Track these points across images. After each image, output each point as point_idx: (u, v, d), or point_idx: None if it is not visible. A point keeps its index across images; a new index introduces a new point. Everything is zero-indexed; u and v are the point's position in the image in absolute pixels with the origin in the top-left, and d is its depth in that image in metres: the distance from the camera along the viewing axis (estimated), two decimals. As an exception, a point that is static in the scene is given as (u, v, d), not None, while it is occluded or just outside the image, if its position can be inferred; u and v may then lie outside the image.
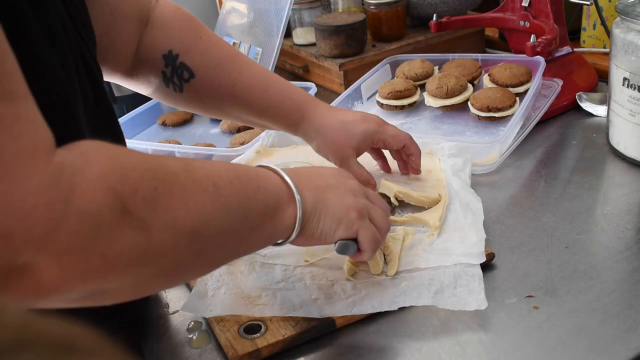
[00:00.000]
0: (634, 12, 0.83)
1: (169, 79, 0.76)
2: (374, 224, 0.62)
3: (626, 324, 0.61)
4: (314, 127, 0.79)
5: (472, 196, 0.79)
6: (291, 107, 0.79)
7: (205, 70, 0.76)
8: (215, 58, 0.77)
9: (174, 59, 0.75)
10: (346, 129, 0.79)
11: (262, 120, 0.80)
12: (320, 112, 0.80)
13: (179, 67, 0.75)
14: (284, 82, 0.80)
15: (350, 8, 1.37)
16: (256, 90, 0.77)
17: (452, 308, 0.63)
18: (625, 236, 0.74)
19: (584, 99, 1.07)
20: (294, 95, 0.79)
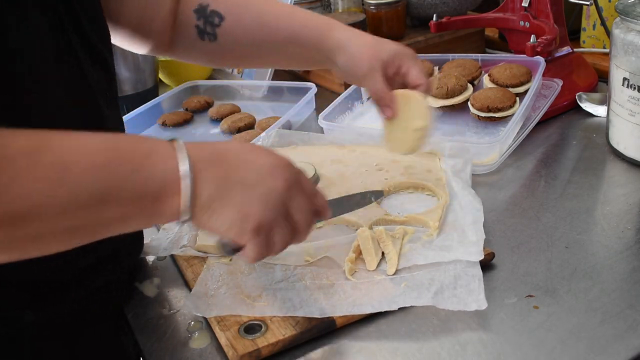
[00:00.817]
0: (634, 12, 0.83)
1: (203, 30, 0.80)
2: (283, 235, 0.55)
3: (626, 324, 0.61)
4: (344, 38, 0.79)
5: (472, 197, 0.79)
6: (319, 22, 0.81)
7: (233, 9, 0.80)
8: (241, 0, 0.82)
9: (204, 9, 0.80)
10: (377, 42, 0.79)
11: (292, 45, 0.82)
12: (349, 28, 0.81)
13: (209, 16, 0.80)
14: (302, 10, 0.85)
15: (350, 8, 1.37)
16: (284, 15, 0.81)
17: (452, 308, 0.63)
18: (625, 236, 0.74)
19: (584, 99, 1.07)
20: (319, 16, 0.85)
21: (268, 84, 1.26)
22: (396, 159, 0.92)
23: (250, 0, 0.83)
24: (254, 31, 0.81)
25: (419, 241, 0.74)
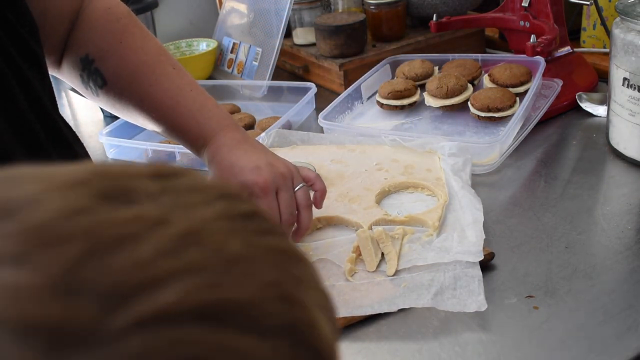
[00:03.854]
0: (634, 12, 0.83)
1: (86, 83, 0.74)
2: None
3: (626, 324, 0.61)
4: (208, 160, 0.74)
5: (472, 196, 0.79)
6: (197, 132, 0.74)
7: (116, 80, 0.73)
8: (130, 67, 0.73)
9: (90, 63, 0.73)
10: (232, 173, 0.72)
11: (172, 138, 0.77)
12: (220, 145, 0.73)
13: (93, 73, 0.73)
14: (199, 99, 0.74)
15: (350, 8, 1.37)
16: (163, 108, 0.73)
17: (451, 310, 0.63)
18: (625, 236, 0.74)
19: (584, 99, 1.07)
20: (202, 119, 0.74)
21: (268, 84, 1.26)
22: (396, 158, 0.92)
23: (138, 72, 0.73)
24: (134, 110, 0.74)
25: (419, 241, 0.74)
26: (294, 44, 1.38)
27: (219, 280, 0.21)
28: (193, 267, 0.21)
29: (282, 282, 0.23)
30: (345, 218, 0.80)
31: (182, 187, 0.24)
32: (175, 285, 0.20)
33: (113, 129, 1.13)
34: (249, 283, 0.22)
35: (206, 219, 0.23)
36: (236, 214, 0.24)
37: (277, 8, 1.27)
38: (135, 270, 0.20)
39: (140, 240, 0.21)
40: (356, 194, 0.85)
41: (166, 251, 0.21)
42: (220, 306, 0.21)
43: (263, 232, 0.24)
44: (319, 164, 0.93)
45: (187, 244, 0.21)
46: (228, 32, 1.41)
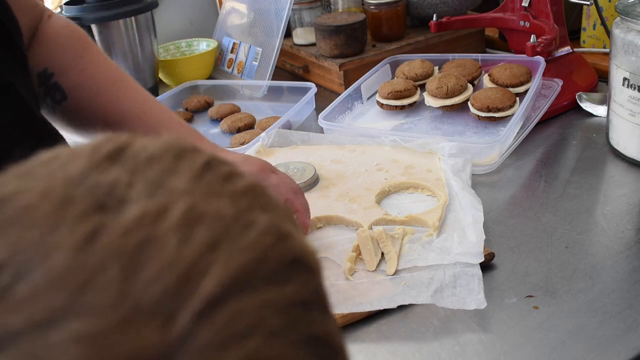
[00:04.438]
0: (634, 12, 0.83)
1: (42, 98, 0.71)
2: None
3: (626, 324, 0.61)
4: None
5: (472, 196, 0.79)
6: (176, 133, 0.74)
7: (78, 93, 0.71)
8: (94, 80, 0.72)
9: (48, 77, 0.71)
10: None
11: None
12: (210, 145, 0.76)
13: (52, 87, 0.71)
14: (166, 111, 0.76)
15: (350, 8, 1.37)
16: (133, 118, 0.73)
17: (451, 307, 0.63)
18: (625, 236, 0.74)
19: (584, 99, 1.07)
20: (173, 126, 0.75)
21: (268, 84, 1.26)
22: (396, 158, 0.92)
23: (102, 85, 0.72)
24: (96, 123, 0.72)
25: (419, 241, 0.74)
26: (294, 44, 1.38)
27: (233, 247, 0.23)
28: (209, 245, 0.23)
29: (272, 223, 0.25)
30: (346, 218, 0.80)
31: (141, 161, 0.25)
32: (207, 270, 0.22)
33: (113, 129, 1.13)
34: (252, 237, 0.24)
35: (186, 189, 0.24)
36: (199, 169, 0.26)
37: (277, 8, 1.27)
38: (170, 270, 0.21)
39: (157, 238, 0.22)
40: (356, 194, 0.85)
41: (182, 240, 0.22)
42: (245, 271, 0.23)
43: (227, 177, 0.26)
44: (319, 164, 0.93)
45: (192, 224, 0.23)
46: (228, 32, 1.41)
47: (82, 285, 0.20)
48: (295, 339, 0.23)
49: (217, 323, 0.21)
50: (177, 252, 0.22)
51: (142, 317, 0.20)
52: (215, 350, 0.20)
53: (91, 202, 0.23)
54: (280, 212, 0.27)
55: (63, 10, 1.24)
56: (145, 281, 0.21)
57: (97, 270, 0.21)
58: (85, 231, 0.22)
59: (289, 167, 0.92)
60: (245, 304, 0.22)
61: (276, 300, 0.23)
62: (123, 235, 0.22)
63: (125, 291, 0.20)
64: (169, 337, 0.20)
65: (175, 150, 0.26)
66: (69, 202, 0.23)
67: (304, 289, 0.25)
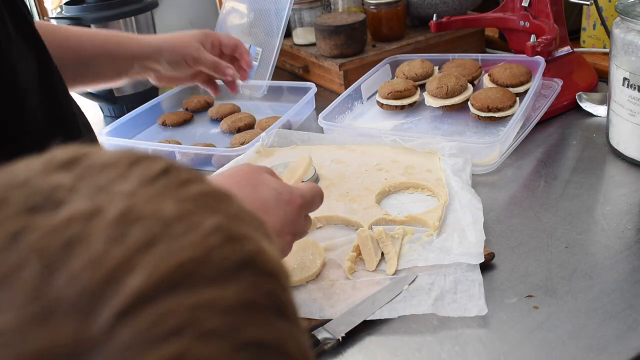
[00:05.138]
0: (634, 12, 0.83)
1: None
2: None
3: (626, 324, 0.61)
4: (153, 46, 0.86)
5: (472, 196, 0.79)
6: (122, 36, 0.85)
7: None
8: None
9: None
10: (183, 34, 0.92)
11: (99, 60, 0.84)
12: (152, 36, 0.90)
13: None
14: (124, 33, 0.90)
15: (350, 8, 1.37)
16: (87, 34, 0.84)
17: (452, 315, 0.63)
18: (625, 236, 0.74)
19: (584, 99, 1.07)
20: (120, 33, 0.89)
21: (268, 84, 1.26)
22: (396, 159, 0.92)
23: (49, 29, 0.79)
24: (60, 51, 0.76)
25: (419, 241, 0.74)
26: (294, 44, 1.38)
27: (169, 247, 0.22)
28: (142, 244, 0.22)
29: (222, 225, 0.24)
30: (346, 218, 0.80)
31: (93, 167, 0.25)
32: (135, 269, 0.21)
33: (113, 128, 1.13)
34: (195, 237, 0.23)
35: (131, 192, 0.24)
36: (153, 175, 0.25)
37: (277, 8, 1.26)
38: (94, 268, 0.21)
39: (85, 238, 0.21)
40: (356, 193, 0.85)
41: (113, 239, 0.22)
42: (179, 270, 0.22)
43: (184, 182, 0.26)
44: (319, 164, 0.93)
45: (127, 224, 0.22)
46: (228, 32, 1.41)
47: None
48: (236, 343, 0.22)
49: (141, 322, 0.20)
50: (104, 251, 0.21)
51: (58, 315, 0.20)
52: (136, 349, 0.20)
53: (24, 205, 0.22)
54: (237, 215, 0.26)
55: (63, 10, 1.24)
56: (66, 279, 0.20)
57: (14, 268, 0.20)
58: (10, 231, 0.21)
59: (288, 166, 0.91)
60: (176, 304, 0.21)
61: (214, 301, 0.22)
62: (48, 234, 0.21)
63: (43, 289, 0.20)
64: (85, 335, 0.19)
65: (132, 158, 0.26)
66: (2, 204, 0.22)
67: (251, 290, 0.24)
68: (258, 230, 0.27)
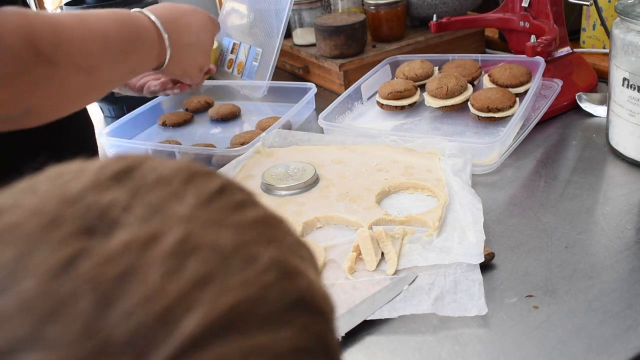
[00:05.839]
0: (634, 13, 0.83)
1: None
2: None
3: (626, 324, 0.61)
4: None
5: (472, 196, 0.79)
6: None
7: None
8: None
9: None
10: None
11: None
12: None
13: None
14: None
15: (350, 8, 1.37)
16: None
17: (452, 314, 0.63)
18: (625, 236, 0.74)
19: (583, 99, 1.07)
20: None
21: (268, 84, 1.26)
22: (396, 159, 0.92)
23: None
24: None
25: (419, 241, 0.74)
26: (294, 44, 1.38)
27: (226, 283, 0.21)
28: (200, 280, 0.21)
29: (278, 259, 0.23)
30: (346, 218, 0.80)
31: (147, 182, 0.24)
32: (191, 308, 0.20)
33: (113, 129, 1.13)
34: (251, 274, 0.22)
35: (187, 217, 0.23)
36: (209, 196, 0.24)
37: (277, 8, 1.27)
38: (149, 305, 0.20)
39: (141, 269, 0.20)
40: (356, 193, 0.85)
41: (169, 272, 0.20)
42: (234, 312, 0.21)
43: (239, 205, 0.25)
44: (319, 164, 0.93)
45: (184, 255, 0.21)
46: (228, 32, 1.41)
47: (49, 315, 0.19)
48: None
49: None
50: (161, 286, 0.20)
51: (110, 355, 0.19)
52: None
53: (80, 225, 0.21)
54: (292, 247, 0.25)
55: (63, 10, 1.25)
56: (119, 315, 0.19)
57: (67, 300, 0.19)
58: (64, 256, 0.20)
59: (289, 167, 0.92)
60: (229, 349, 0.20)
61: (267, 347, 0.21)
62: (104, 263, 0.20)
63: (95, 325, 0.19)
64: None
65: (187, 173, 0.25)
66: (57, 222, 0.21)
67: (303, 334, 0.23)
68: (307, 260, 0.26)
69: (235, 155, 0.98)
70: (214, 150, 1.03)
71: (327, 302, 0.25)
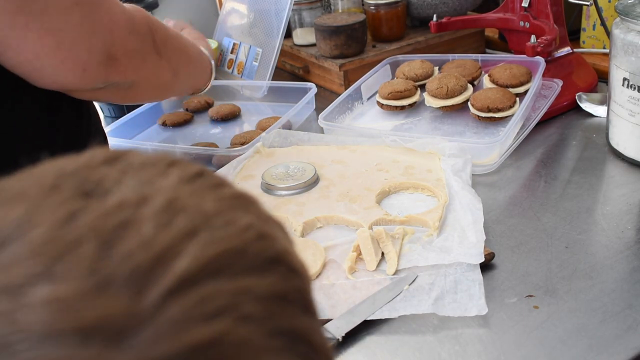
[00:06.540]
0: (634, 13, 0.83)
1: None
2: None
3: (626, 324, 0.61)
4: None
5: (473, 196, 0.79)
6: None
7: None
8: None
9: None
10: None
11: None
12: None
13: None
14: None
15: (350, 9, 1.37)
16: None
17: (452, 314, 0.63)
18: (625, 236, 0.74)
19: (583, 99, 1.07)
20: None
21: (268, 84, 1.26)
22: (396, 159, 0.92)
23: None
24: None
25: (419, 241, 0.74)
26: (294, 44, 1.38)
27: (210, 237, 0.24)
28: (187, 232, 0.24)
29: (254, 223, 0.26)
30: (346, 218, 0.80)
31: (135, 165, 0.27)
32: (182, 253, 0.23)
33: (113, 129, 1.13)
34: (232, 231, 0.25)
35: (173, 187, 0.26)
36: (190, 175, 0.27)
37: (277, 8, 1.27)
38: (145, 249, 0.23)
39: (136, 222, 0.23)
40: (356, 193, 0.85)
41: (160, 225, 0.24)
42: (221, 258, 0.24)
43: (217, 185, 0.28)
44: (319, 164, 0.93)
45: (173, 213, 0.24)
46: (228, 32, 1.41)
47: (58, 257, 0.22)
48: (270, 329, 0.24)
49: (187, 301, 0.22)
50: (154, 235, 0.23)
51: (113, 289, 0.21)
52: (182, 325, 0.21)
53: (77, 190, 0.25)
54: (267, 219, 0.28)
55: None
56: (119, 257, 0.22)
57: (73, 245, 0.22)
58: (66, 211, 0.23)
59: (289, 167, 0.92)
60: (219, 288, 0.23)
61: (253, 289, 0.24)
62: (102, 217, 0.23)
63: (98, 264, 0.22)
64: (137, 309, 0.21)
65: (169, 160, 0.28)
66: (56, 189, 0.25)
67: (283, 283, 0.25)
68: (282, 233, 0.29)
69: (235, 155, 0.98)
70: (214, 150, 1.03)
71: (303, 267, 0.28)
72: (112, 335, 0.20)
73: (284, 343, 0.24)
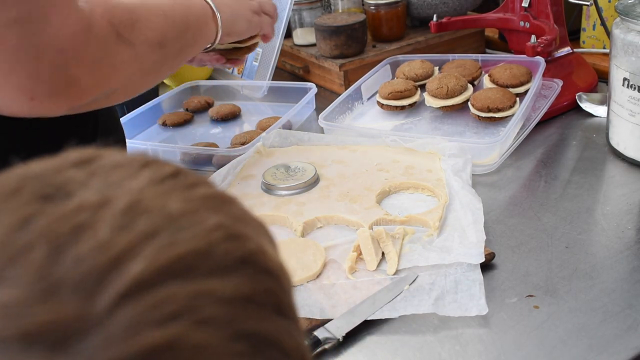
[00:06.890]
0: (634, 13, 0.83)
1: None
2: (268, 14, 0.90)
3: (626, 324, 0.61)
4: None
5: (473, 196, 0.79)
6: None
7: None
8: None
9: None
10: None
11: None
12: None
13: None
14: None
15: (350, 9, 1.37)
16: None
17: (452, 314, 0.63)
18: (625, 236, 0.74)
19: (583, 99, 1.07)
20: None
21: (268, 84, 1.26)
22: (397, 159, 0.92)
23: None
24: None
25: (420, 241, 0.74)
26: (294, 44, 1.38)
27: (172, 239, 0.24)
28: (147, 234, 0.23)
29: (223, 223, 0.26)
30: (346, 218, 0.80)
31: (106, 167, 0.26)
32: (138, 255, 0.22)
33: (113, 129, 1.13)
34: (198, 232, 0.24)
35: (140, 188, 0.25)
36: (162, 176, 0.27)
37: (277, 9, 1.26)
38: (99, 253, 0.22)
39: (92, 225, 0.23)
40: (357, 193, 0.85)
41: (119, 227, 0.23)
42: (181, 260, 0.23)
43: (191, 185, 0.27)
44: (319, 164, 0.93)
45: (134, 215, 0.24)
46: (228, 32, 1.41)
47: (9, 262, 0.22)
48: (232, 332, 0.23)
49: (140, 305, 0.21)
50: (110, 238, 0.23)
51: (63, 293, 0.21)
52: (134, 329, 0.21)
53: (37, 194, 0.24)
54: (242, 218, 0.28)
55: None
56: (72, 261, 0.22)
57: (23, 250, 0.22)
58: (22, 215, 0.23)
59: (289, 167, 0.92)
60: (176, 290, 0.22)
61: (215, 291, 0.23)
62: (57, 221, 0.23)
63: (49, 269, 0.21)
64: (87, 313, 0.21)
65: (144, 161, 0.27)
66: (17, 193, 0.24)
67: (250, 284, 0.25)
68: (260, 233, 0.28)
69: (236, 155, 0.98)
70: (214, 150, 1.03)
71: (279, 267, 0.27)
72: (58, 340, 0.20)
73: (248, 347, 0.23)
